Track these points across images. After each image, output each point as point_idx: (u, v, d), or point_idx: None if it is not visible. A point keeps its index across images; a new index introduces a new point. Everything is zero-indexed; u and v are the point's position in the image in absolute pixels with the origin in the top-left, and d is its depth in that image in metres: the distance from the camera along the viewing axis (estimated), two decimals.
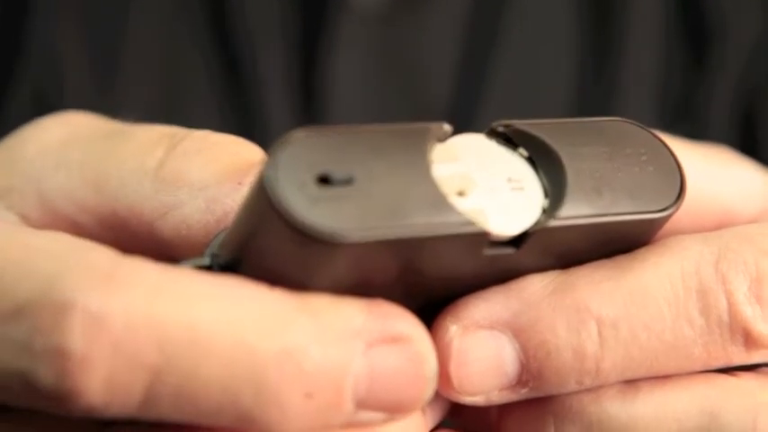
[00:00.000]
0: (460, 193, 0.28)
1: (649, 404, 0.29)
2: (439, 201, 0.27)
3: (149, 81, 0.51)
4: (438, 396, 0.30)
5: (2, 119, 0.50)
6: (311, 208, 0.26)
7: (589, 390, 0.30)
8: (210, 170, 0.30)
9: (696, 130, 0.34)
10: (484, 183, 0.28)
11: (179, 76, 0.52)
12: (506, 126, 0.29)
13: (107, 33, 0.51)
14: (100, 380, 0.25)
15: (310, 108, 0.52)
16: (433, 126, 0.28)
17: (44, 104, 0.49)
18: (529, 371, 0.29)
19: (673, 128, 0.37)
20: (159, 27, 0.51)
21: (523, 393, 0.29)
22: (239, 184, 0.30)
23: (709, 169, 0.33)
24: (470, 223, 0.27)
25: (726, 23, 0.52)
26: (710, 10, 0.53)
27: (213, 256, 0.29)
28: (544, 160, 0.29)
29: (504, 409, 0.31)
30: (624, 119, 0.31)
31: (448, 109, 0.52)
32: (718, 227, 0.32)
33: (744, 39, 0.52)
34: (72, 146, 0.33)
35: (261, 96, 0.51)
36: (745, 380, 0.30)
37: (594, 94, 0.53)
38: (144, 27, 0.51)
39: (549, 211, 0.28)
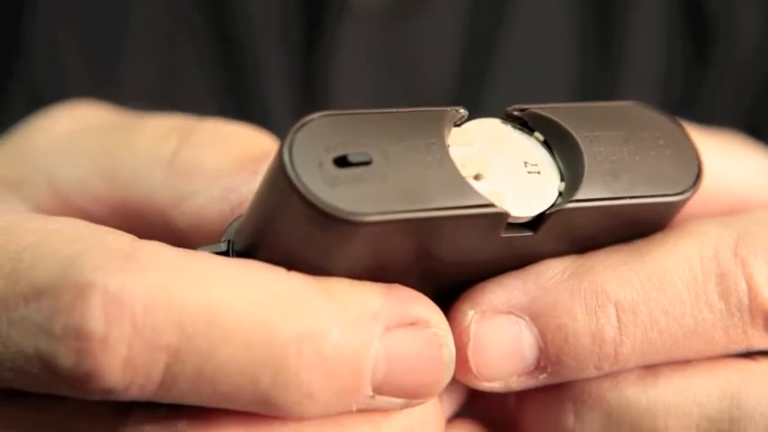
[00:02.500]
0: (477, 177, 0.29)
1: (670, 389, 0.30)
2: (458, 182, 0.28)
3: (149, 79, 0.52)
4: (455, 385, 0.30)
5: (1, 116, 0.51)
6: (329, 188, 0.26)
7: (608, 375, 0.30)
8: (225, 159, 0.31)
9: (700, 124, 0.34)
10: (500, 166, 0.29)
11: (179, 74, 0.53)
12: (522, 110, 0.30)
13: (106, 31, 0.52)
14: (119, 361, 0.26)
15: (312, 107, 0.52)
16: (450, 110, 0.29)
17: (43, 101, 0.50)
18: (547, 356, 0.30)
19: None
20: (159, 25, 0.52)
21: (542, 379, 0.30)
22: (254, 173, 0.31)
23: (722, 156, 0.34)
24: (490, 204, 0.28)
25: (729, 21, 0.53)
26: (713, 7, 0.54)
27: (229, 242, 0.29)
28: (560, 144, 0.30)
29: (522, 396, 0.31)
30: (640, 103, 0.31)
31: (449, 106, 0.53)
32: (732, 213, 0.32)
33: (747, 37, 0.53)
34: (82, 136, 0.34)
35: (262, 96, 0.52)
36: (766, 364, 0.31)
37: (596, 92, 0.54)
38: (143, 25, 0.52)
39: (566, 194, 0.29)
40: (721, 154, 0.34)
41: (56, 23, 0.52)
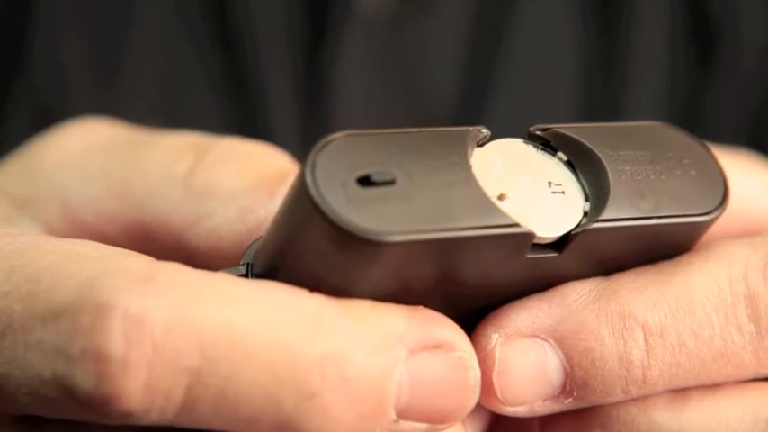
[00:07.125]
0: (501, 197, 0.30)
1: (700, 413, 0.31)
2: (483, 202, 0.28)
3: (152, 88, 0.53)
4: (478, 409, 0.31)
5: (4, 129, 0.51)
6: (353, 208, 0.27)
7: (636, 399, 0.31)
8: (242, 180, 0.32)
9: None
10: (524, 186, 0.30)
11: (182, 82, 0.53)
12: (544, 129, 0.31)
13: (109, 42, 0.53)
14: (140, 383, 0.26)
15: (315, 113, 0.53)
16: (472, 129, 0.30)
17: (46, 114, 0.50)
18: (573, 380, 0.30)
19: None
20: (162, 35, 0.53)
21: (568, 404, 0.31)
22: (271, 194, 0.32)
23: (737, 174, 0.34)
24: (515, 224, 0.28)
25: (733, 27, 0.54)
26: (718, 12, 0.54)
27: (248, 265, 0.30)
28: (585, 163, 0.31)
29: (547, 421, 0.32)
30: (664, 123, 0.32)
31: (453, 114, 0.54)
32: (749, 233, 0.33)
33: (751, 42, 0.54)
34: (95, 154, 0.34)
35: (265, 102, 0.53)
36: None
37: (601, 98, 0.55)
38: (146, 35, 0.53)
39: (591, 214, 0.30)
40: (736, 173, 0.34)
41: (59, 31, 0.53)
